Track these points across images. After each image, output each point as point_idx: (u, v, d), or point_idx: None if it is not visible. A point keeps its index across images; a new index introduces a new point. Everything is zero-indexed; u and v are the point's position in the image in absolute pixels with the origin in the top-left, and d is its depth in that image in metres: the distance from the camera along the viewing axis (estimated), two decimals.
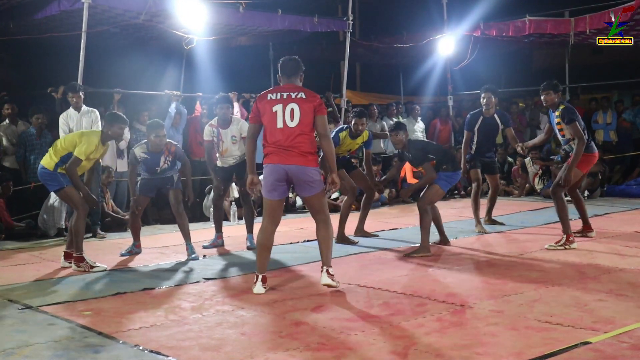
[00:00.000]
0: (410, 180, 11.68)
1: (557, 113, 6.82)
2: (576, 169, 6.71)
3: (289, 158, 4.99)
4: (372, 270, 5.97)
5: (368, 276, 5.70)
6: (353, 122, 7.48)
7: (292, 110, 4.99)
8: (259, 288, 5.13)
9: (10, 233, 8.39)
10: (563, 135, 6.89)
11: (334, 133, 7.44)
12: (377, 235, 7.97)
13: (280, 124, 5.00)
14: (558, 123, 6.85)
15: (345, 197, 7.97)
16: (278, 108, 5.01)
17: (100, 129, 8.47)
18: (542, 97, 6.95)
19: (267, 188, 5.12)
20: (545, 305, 4.56)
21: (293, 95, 5.03)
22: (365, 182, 7.77)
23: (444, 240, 7.20)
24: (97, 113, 8.24)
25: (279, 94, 5.07)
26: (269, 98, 5.09)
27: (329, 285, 5.13)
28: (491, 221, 8.52)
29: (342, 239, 7.55)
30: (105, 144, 6.38)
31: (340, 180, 7.28)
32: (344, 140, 7.49)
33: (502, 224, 8.52)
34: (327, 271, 5.14)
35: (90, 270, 6.09)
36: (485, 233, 7.90)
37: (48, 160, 6.19)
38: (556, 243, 6.74)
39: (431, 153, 6.76)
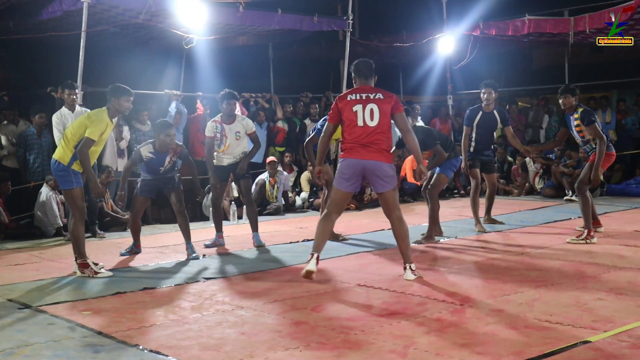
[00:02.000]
0: (411, 179, 11.69)
1: (576, 115, 7.08)
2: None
3: (367, 154, 5.31)
4: (371, 270, 5.97)
5: (368, 275, 5.70)
6: None
7: (371, 110, 5.32)
8: (312, 265, 5.37)
9: (10, 233, 8.39)
10: (583, 137, 7.12)
11: (322, 121, 7.42)
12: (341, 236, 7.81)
13: (360, 123, 5.32)
14: (577, 125, 7.08)
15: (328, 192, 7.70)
16: (358, 108, 5.35)
17: None
18: (560, 101, 7.20)
19: (341, 179, 5.44)
20: (545, 305, 4.56)
21: (372, 96, 5.37)
22: None
23: (438, 231, 7.54)
24: None
25: (358, 95, 5.41)
26: (349, 99, 5.42)
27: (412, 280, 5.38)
28: (491, 220, 8.52)
29: (332, 236, 7.35)
30: (113, 121, 6.12)
31: (326, 175, 7.39)
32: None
33: (501, 223, 8.52)
34: (410, 267, 5.45)
35: (95, 276, 5.88)
36: (485, 232, 7.90)
37: (61, 153, 5.92)
38: (577, 237, 7.01)
39: (436, 139, 7.16)
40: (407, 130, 5.41)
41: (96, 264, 6.06)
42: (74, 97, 8.08)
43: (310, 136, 7.51)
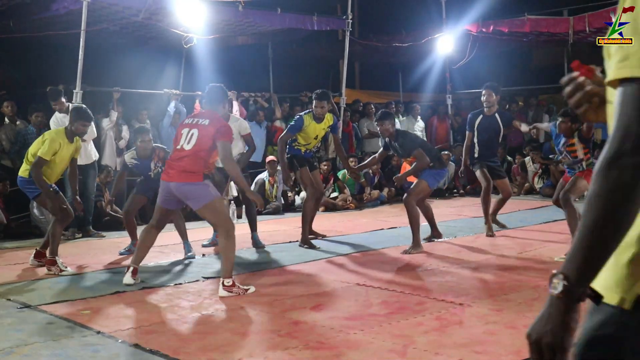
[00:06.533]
0: (410, 178, 11.66)
1: (573, 140, 6.46)
2: (585, 181, 6.35)
3: (172, 175, 5.20)
4: (370, 269, 5.97)
5: (367, 275, 5.70)
6: (314, 104, 7.17)
7: (191, 135, 5.23)
8: (128, 279, 5.43)
9: (8, 232, 8.38)
10: (575, 157, 6.55)
11: (297, 116, 7.36)
12: (325, 236, 7.83)
13: (178, 146, 5.27)
14: (572, 144, 6.50)
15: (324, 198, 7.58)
16: (184, 131, 5.32)
17: (94, 133, 8.50)
18: (559, 125, 6.54)
19: (159, 196, 5.40)
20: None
21: (200, 121, 5.29)
22: (319, 186, 7.60)
23: (436, 234, 7.31)
24: None
25: (192, 119, 5.43)
26: (184, 122, 5.48)
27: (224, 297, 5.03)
28: (494, 221, 8.33)
29: (305, 241, 7.22)
30: (75, 141, 6.28)
31: (302, 178, 7.23)
32: (308, 124, 7.16)
33: (504, 226, 8.20)
34: (223, 283, 5.07)
35: (60, 273, 5.98)
36: (493, 236, 7.58)
37: (24, 170, 6.27)
38: (566, 255, 6.35)
39: (417, 143, 6.85)
40: (224, 158, 5.16)
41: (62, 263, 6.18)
42: (59, 106, 8.09)
43: (283, 133, 7.36)
